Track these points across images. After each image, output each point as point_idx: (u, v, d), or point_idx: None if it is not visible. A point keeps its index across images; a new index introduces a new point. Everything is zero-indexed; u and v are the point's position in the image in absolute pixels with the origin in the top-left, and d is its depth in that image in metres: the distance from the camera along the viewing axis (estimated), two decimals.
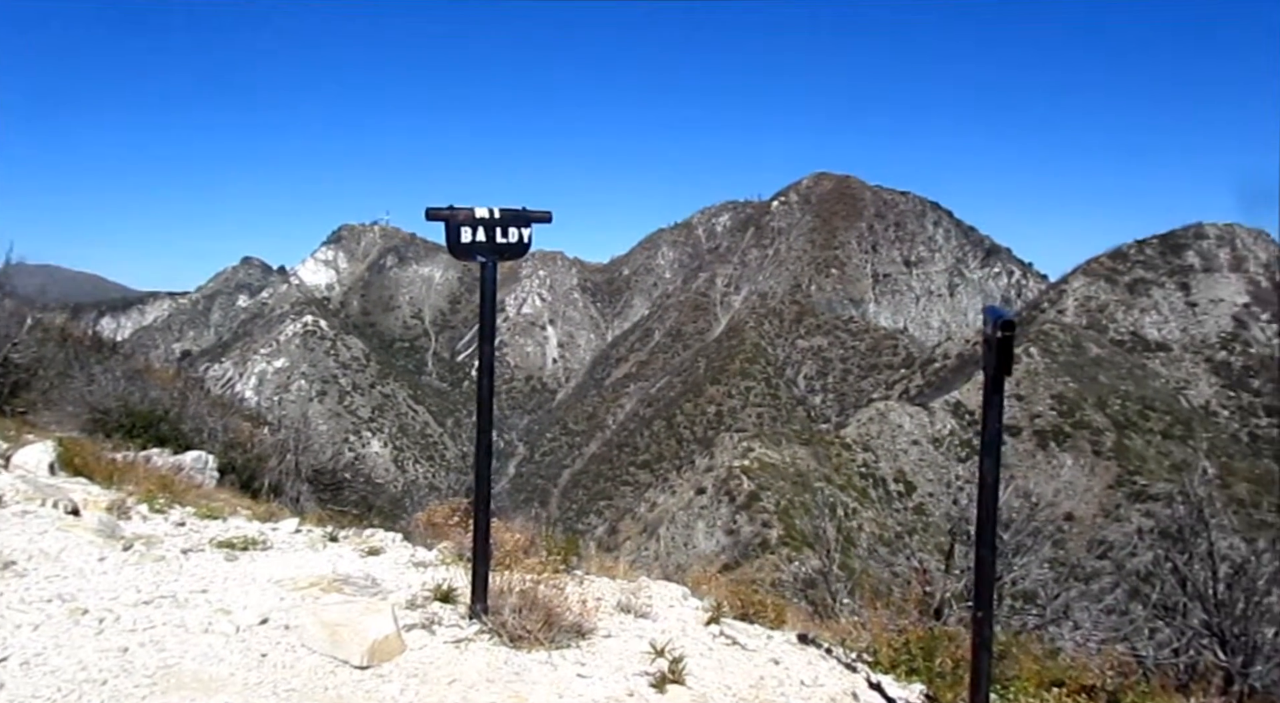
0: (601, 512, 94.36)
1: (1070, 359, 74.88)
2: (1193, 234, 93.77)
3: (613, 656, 4.15)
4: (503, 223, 4.33)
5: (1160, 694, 4.93)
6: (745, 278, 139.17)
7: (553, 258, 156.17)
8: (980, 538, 3.67)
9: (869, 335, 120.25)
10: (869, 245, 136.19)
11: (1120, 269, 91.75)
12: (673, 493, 69.59)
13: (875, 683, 4.51)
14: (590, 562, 6.05)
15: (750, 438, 73.21)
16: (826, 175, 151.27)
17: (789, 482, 60.51)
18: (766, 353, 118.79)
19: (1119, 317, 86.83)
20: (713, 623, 4.97)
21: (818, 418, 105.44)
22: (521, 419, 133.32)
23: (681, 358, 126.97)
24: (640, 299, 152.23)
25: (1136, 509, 58.17)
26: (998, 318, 3.53)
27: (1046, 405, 69.76)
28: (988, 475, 3.66)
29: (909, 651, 4.84)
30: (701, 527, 59.83)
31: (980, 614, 3.58)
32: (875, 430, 71.04)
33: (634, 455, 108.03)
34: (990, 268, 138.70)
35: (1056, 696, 3.99)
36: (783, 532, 53.64)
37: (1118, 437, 66.43)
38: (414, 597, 4.59)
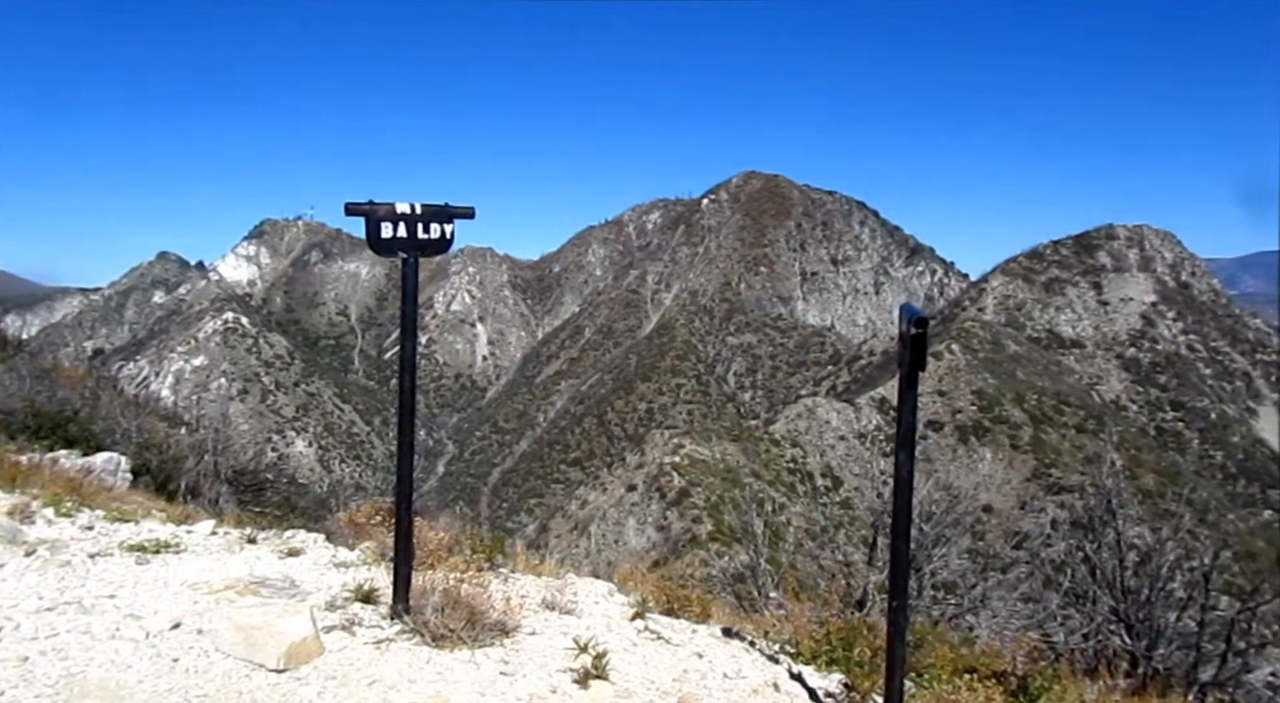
0: (532, 510, 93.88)
1: (990, 356, 77.00)
2: (1104, 235, 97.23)
3: (537, 653, 4.15)
4: (424, 218, 4.28)
5: (1068, 678, 5.12)
6: (676, 275, 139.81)
7: (482, 254, 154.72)
8: (896, 530, 3.76)
9: (797, 333, 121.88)
10: (797, 244, 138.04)
11: (1037, 269, 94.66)
12: (604, 490, 69.57)
13: (796, 674, 4.59)
14: (516, 560, 6.03)
15: (681, 435, 73.59)
16: (756, 174, 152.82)
17: (719, 478, 61.00)
18: (697, 350, 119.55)
19: (1035, 315, 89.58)
20: (638, 618, 5.00)
21: (747, 414, 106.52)
22: (451, 417, 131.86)
23: (612, 355, 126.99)
24: (571, 296, 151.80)
25: (1051, 501, 60.14)
26: (912, 315, 3.62)
27: (967, 401, 71.62)
28: (903, 469, 3.75)
29: (829, 642, 4.94)
30: (632, 523, 59.95)
31: (895, 604, 3.68)
32: (803, 426, 72.04)
33: (565, 453, 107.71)
34: (914, 267, 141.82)
35: (967, 681, 4.12)
36: (713, 527, 54.05)
37: (1034, 431, 68.54)
38: (334, 598, 4.52)
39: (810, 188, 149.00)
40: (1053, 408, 71.25)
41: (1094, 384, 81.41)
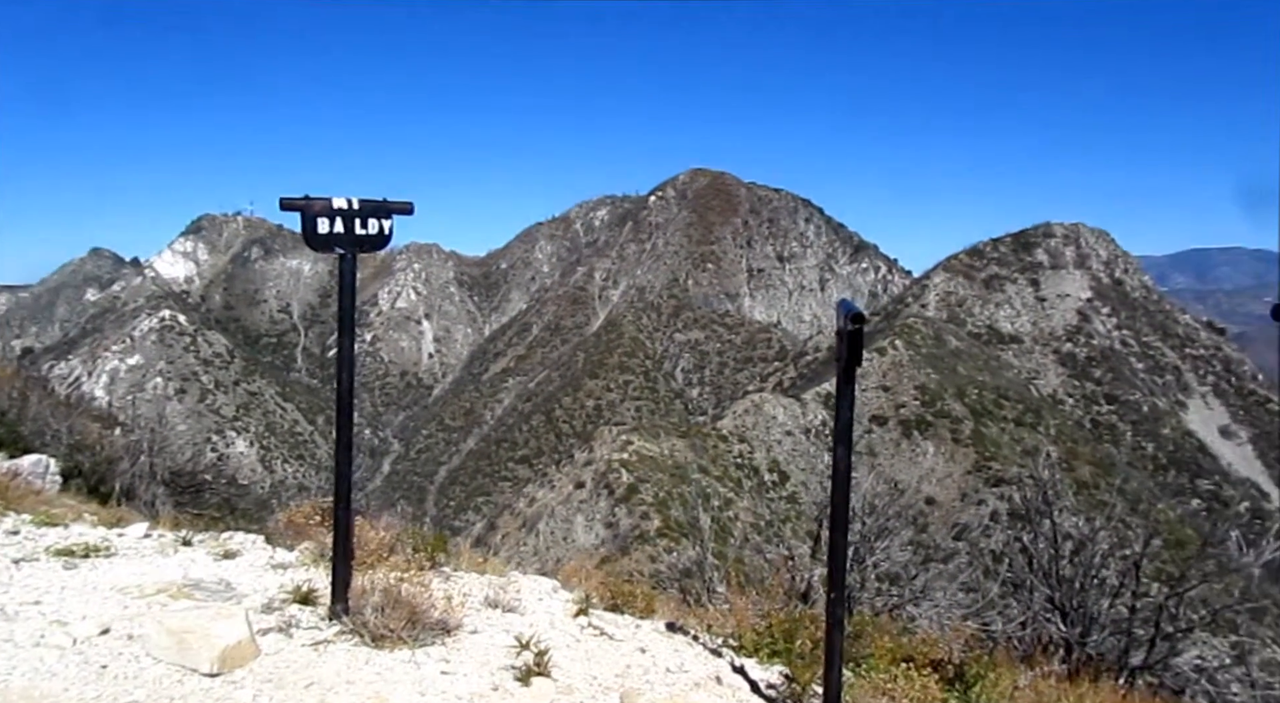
0: (480, 508, 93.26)
1: (932, 351, 78.36)
2: (1042, 233, 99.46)
3: (479, 651, 4.12)
4: (362, 214, 4.22)
5: (1004, 665, 5.24)
6: (623, 272, 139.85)
7: (428, 250, 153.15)
8: (834, 523, 3.81)
9: (744, 329, 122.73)
10: (744, 241, 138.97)
11: (977, 266, 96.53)
12: (552, 488, 69.35)
13: (739, 667, 4.64)
14: (459, 558, 5.98)
15: (629, 431, 73.65)
16: (703, 171, 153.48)
17: (667, 474, 61.20)
18: (645, 347, 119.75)
19: (976, 311, 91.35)
20: (581, 615, 4.99)
21: (695, 410, 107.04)
22: (397, 415, 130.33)
23: (560, 352, 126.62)
24: (518, 293, 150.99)
25: (991, 493, 61.44)
26: (849, 311, 3.67)
27: (910, 396, 72.80)
28: (841, 463, 3.80)
29: (771, 634, 4.99)
30: (581, 521, 59.87)
31: (833, 596, 3.73)
32: (750, 422, 72.58)
33: (512, 451, 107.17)
34: (859, 264, 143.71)
35: (904, 670, 4.19)
36: (661, 523, 54.23)
37: (975, 425, 69.95)
38: (271, 600, 4.44)
39: (756, 185, 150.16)
40: (993, 402, 72.79)
41: (1032, 379, 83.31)
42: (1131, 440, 76.73)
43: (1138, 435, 77.31)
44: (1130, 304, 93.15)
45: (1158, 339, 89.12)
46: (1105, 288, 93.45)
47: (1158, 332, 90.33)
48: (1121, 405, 79.93)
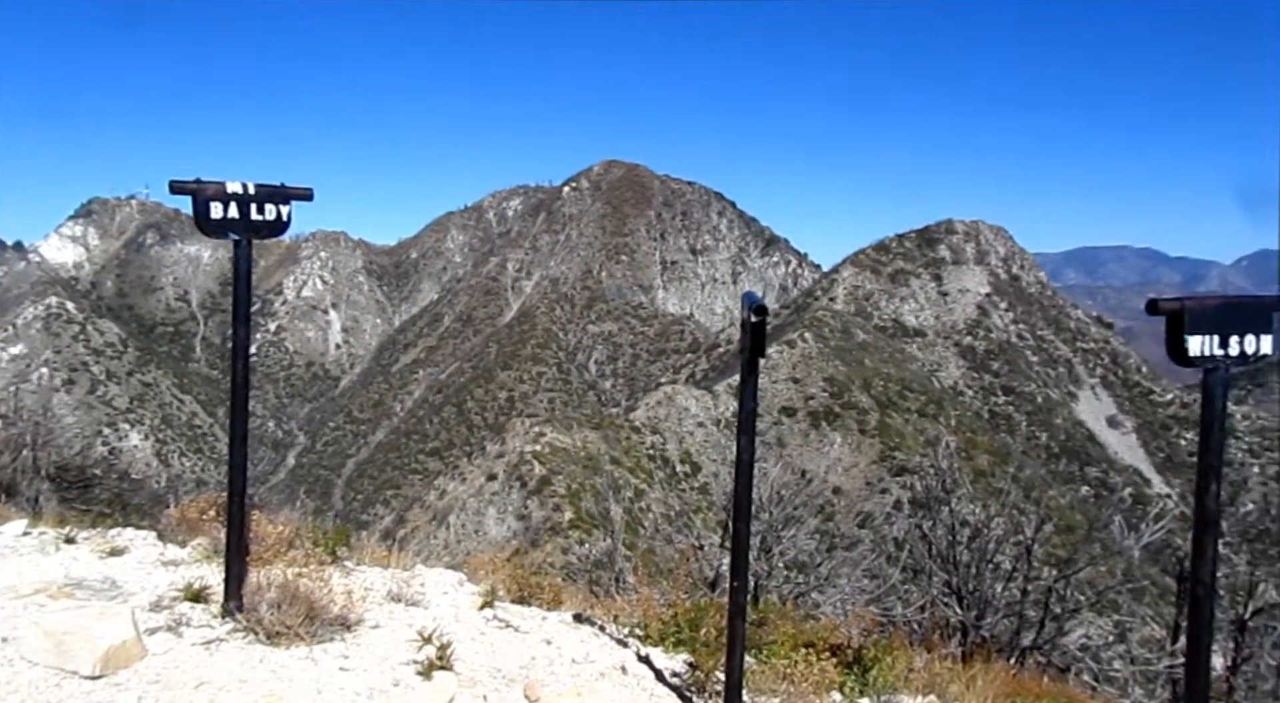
0: (389, 501, 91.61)
1: (840, 344, 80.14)
2: (944, 230, 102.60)
3: (380, 646, 4.05)
4: (258, 199, 4.08)
5: (900, 648, 5.39)
6: (537, 263, 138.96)
7: (335, 239, 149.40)
8: (737, 512, 3.86)
9: (657, 321, 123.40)
10: (658, 233, 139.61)
11: (883, 261, 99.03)
12: (463, 480, 68.61)
13: (644, 656, 4.66)
14: (361, 552, 5.86)
15: (542, 423, 73.34)
16: (617, 163, 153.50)
17: (580, 466, 61.17)
18: (558, 338, 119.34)
19: (882, 305, 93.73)
20: (487, 607, 4.95)
21: (608, 402, 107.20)
22: (302, 408, 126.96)
23: (472, 343, 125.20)
24: (429, 283, 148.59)
25: (895, 482, 63.26)
26: (752, 303, 3.71)
27: (819, 387, 74.35)
28: (744, 453, 3.86)
29: (677, 623, 5.03)
30: (493, 513, 59.41)
31: (735, 584, 3.78)
32: (663, 413, 73.09)
33: (423, 443, 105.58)
34: (770, 257, 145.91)
35: (804, 655, 4.28)
36: (573, 515, 54.22)
37: (880, 416, 71.87)
38: (160, 598, 4.27)
39: (670, 178, 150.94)
40: (897, 393, 74.87)
41: (934, 371, 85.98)
42: (1026, 430, 79.93)
43: (1032, 425, 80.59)
44: (1026, 299, 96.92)
45: (1051, 333, 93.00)
46: (1003, 283, 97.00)
47: (1051, 326, 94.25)
48: (1017, 397, 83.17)
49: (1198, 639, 2.98)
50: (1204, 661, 2.99)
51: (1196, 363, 3.03)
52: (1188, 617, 3.05)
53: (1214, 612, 3.03)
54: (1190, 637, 3.02)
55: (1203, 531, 3.02)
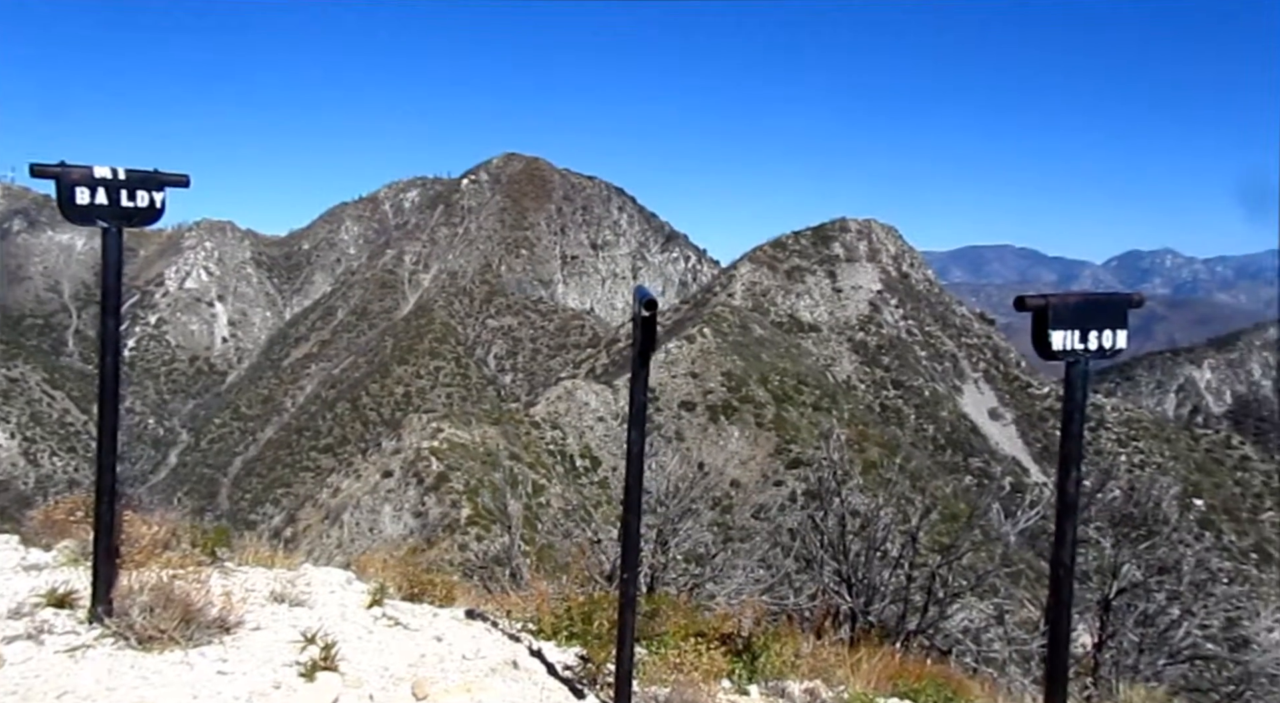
0: (279, 500, 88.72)
1: (738, 339, 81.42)
2: (838, 228, 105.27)
3: (260, 648, 3.93)
4: (129, 184, 3.89)
5: (789, 636, 5.53)
6: (435, 256, 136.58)
7: (222, 228, 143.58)
8: (627, 504, 3.89)
9: (558, 316, 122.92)
10: (558, 228, 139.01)
11: (780, 257, 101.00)
12: (358, 477, 66.99)
13: (536, 650, 4.66)
14: (244, 552, 5.66)
15: (440, 418, 72.19)
16: (516, 156, 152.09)
17: (479, 461, 60.49)
18: (456, 332, 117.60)
19: (779, 300, 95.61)
20: (375, 606, 4.86)
21: (508, 397, 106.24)
22: (186, 404, 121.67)
23: (367, 337, 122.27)
24: (322, 275, 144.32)
25: (791, 474, 64.69)
26: (643, 298, 3.73)
27: (718, 382, 75.38)
28: (634, 446, 3.88)
29: (570, 617, 5.04)
30: (389, 511, 58.23)
31: (626, 576, 3.81)
32: (563, 408, 72.88)
33: (315, 440, 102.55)
34: (669, 253, 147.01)
35: (693, 645, 4.35)
36: (472, 512, 53.59)
37: (777, 410, 73.35)
38: (20, 605, 4.04)
39: (570, 172, 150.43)
40: (793, 388, 76.54)
41: (829, 365, 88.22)
42: (915, 423, 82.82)
43: (920, 418, 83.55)
44: (915, 296, 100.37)
45: (938, 329, 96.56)
46: (893, 281, 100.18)
47: (938, 322, 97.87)
48: (906, 390, 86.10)
49: (1058, 617, 3.15)
50: (1064, 637, 3.17)
51: (1059, 356, 3.20)
52: (1049, 596, 3.22)
53: (1073, 592, 3.21)
54: (1051, 615, 3.19)
55: (1064, 515, 3.20)
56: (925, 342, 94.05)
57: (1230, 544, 62.48)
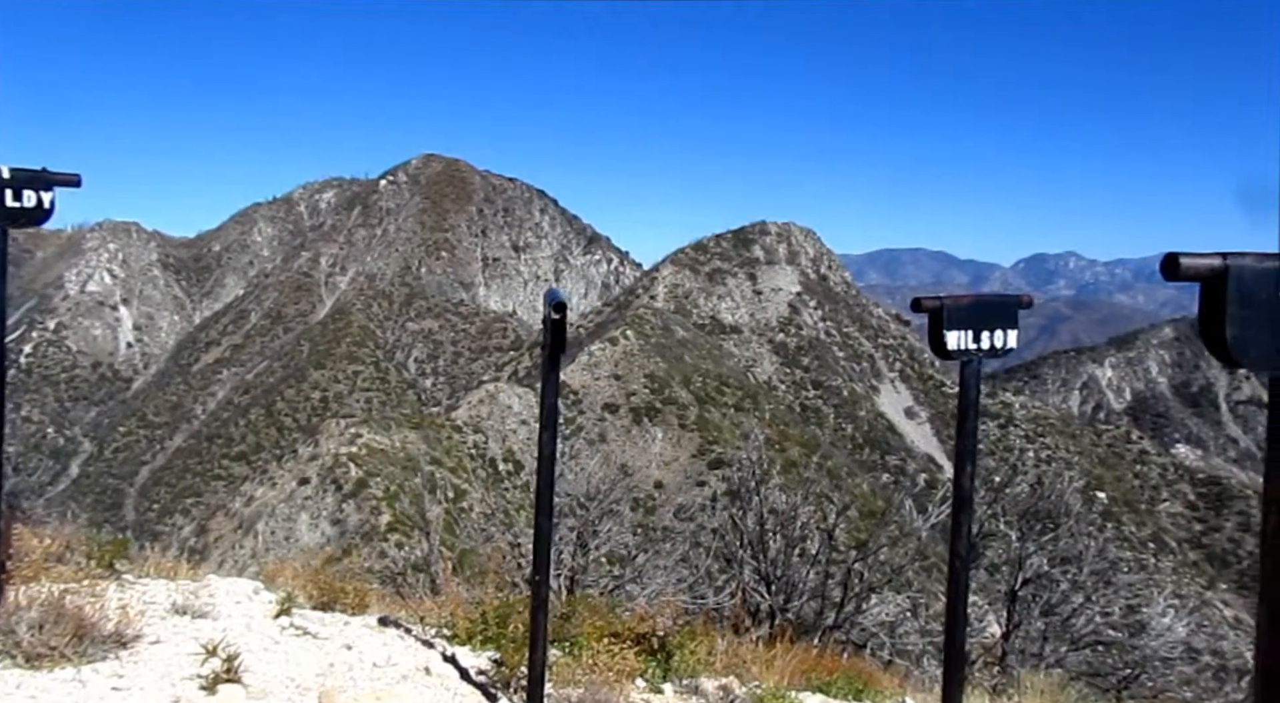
0: (189, 511, 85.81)
1: (661, 341, 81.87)
2: (758, 230, 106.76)
3: (160, 663, 3.80)
4: (14, 184, 3.73)
5: (704, 634, 5.59)
6: (352, 258, 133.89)
7: (126, 229, 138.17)
8: (539, 507, 3.89)
9: (479, 318, 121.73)
10: (479, 230, 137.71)
11: (701, 260, 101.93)
12: (273, 485, 65.22)
13: (450, 655, 4.62)
14: (144, 564, 5.47)
15: (358, 424, 70.79)
16: (436, 157, 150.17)
17: (399, 467, 59.52)
18: (375, 336, 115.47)
19: (700, 302, 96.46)
20: (283, 615, 4.75)
21: (429, 401, 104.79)
22: (88, 412, 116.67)
23: (282, 341, 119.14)
24: (234, 278, 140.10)
25: (714, 475, 65.31)
26: (552, 300, 3.75)
27: (641, 384, 75.67)
28: (545, 448, 3.89)
29: (485, 621, 5.01)
30: (305, 519, 56.86)
31: (538, 578, 3.81)
32: (485, 412, 72.21)
33: (228, 447, 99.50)
34: (592, 255, 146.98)
35: (606, 646, 4.37)
36: (391, 518, 52.71)
37: (699, 411, 73.97)
38: None
39: (491, 174, 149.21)
40: (715, 389, 77.31)
41: (750, 366, 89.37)
42: (834, 422, 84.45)
43: (839, 418, 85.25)
44: (833, 298, 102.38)
45: (855, 330, 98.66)
46: (812, 283, 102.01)
47: (855, 323, 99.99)
48: (825, 390, 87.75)
49: (955, 607, 3.26)
50: (960, 625, 3.28)
51: (953, 356, 3.31)
52: (947, 587, 3.33)
53: (969, 582, 3.33)
54: (949, 605, 3.30)
55: (959, 509, 3.31)
56: (843, 343, 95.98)
57: (1130, 535, 65.31)
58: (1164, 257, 1.78)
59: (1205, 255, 1.75)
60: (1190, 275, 1.74)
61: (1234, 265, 1.72)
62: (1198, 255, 1.75)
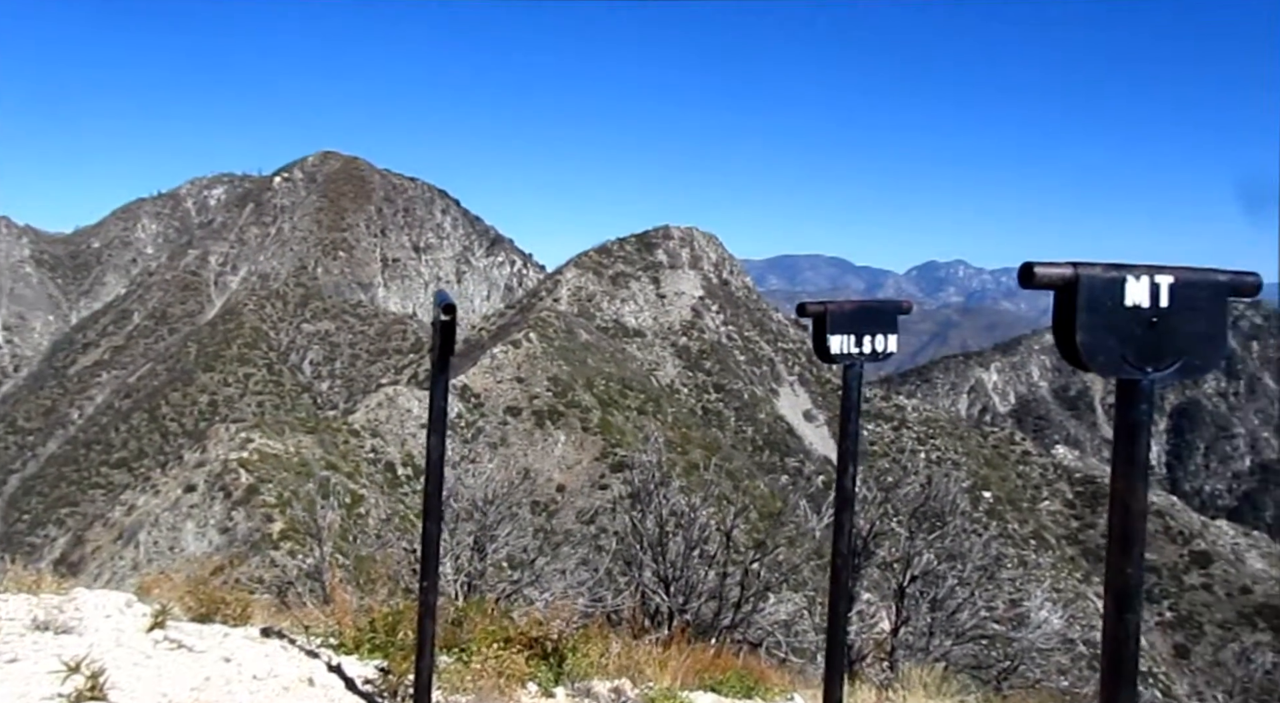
0: (63, 521, 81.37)
1: (564, 344, 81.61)
2: (661, 235, 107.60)
3: (16, 682, 3.59)
4: None
5: (598, 637, 5.59)
6: (244, 257, 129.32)
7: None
8: (426, 512, 3.83)
9: (378, 320, 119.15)
10: (378, 230, 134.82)
11: (605, 263, 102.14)
12: (156, 493, 62.39)
13: (335, 665, 4.50)
14: (3, 578, 5.16)
15: (250, 428, 68.32)
16: (333, 155, 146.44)
17: (292, 472, 57.75)
18: (268, 337, 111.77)
19: (604, 306, 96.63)
20: (157, 629, 4.54)
21: (325, 405, 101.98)
22: None
23: (168, 342, 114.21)
24: (115, 276, 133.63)
25: (617, 478, 65.44)
26: (441, 302, 3.70)
27: (544, 387, 75.26)
28: (433, 452, 3.83)
29: (374, 629, 4.90)
30: (191, 527, 54.57)
31: (425, 584, 3.74)
32: (384, 415, 70.68)
33: (107, 454, 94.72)
34: (495, 257, 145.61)
35: (495, 651, 4.33)
36: (285, 525, 51.08)
37: (602, 414, 74.02)
38: None
39: (391, 173, 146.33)
40: (618, 392, 77.50)
41: (653, 370, 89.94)
42: (735, 425, 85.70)
43: (740, 420, 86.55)
44: (735, 302, 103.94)
45: (756, 334, 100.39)
46: (715, 287, 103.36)
47: (756, 327, 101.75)
48: (727, 394, 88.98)
49: (836, 604, 3.35)
50: (841, 621, 3.37)
51: (836, 360, 3.40)
52: (829, 584, 3.42)
53: (850, 580, 3.42)
54: (830, 601, 3.38)
55: (841, 509, 3.40)
56: (744, 346, 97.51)
57: (1013, 532, 68.22)
58: (1020, 266, 1.87)
59: (1058, 265, 1.84)
60: (1044, 284, 1.83)
61: (1084, 275, 1.82)
62: (1051, 265, 1.84)
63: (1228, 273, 1.89)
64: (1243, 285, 1.89)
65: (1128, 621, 1.79)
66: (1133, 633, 1.79)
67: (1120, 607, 1.79)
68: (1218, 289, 1.86)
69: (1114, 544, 1.82)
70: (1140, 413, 1.81)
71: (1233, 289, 1.88)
